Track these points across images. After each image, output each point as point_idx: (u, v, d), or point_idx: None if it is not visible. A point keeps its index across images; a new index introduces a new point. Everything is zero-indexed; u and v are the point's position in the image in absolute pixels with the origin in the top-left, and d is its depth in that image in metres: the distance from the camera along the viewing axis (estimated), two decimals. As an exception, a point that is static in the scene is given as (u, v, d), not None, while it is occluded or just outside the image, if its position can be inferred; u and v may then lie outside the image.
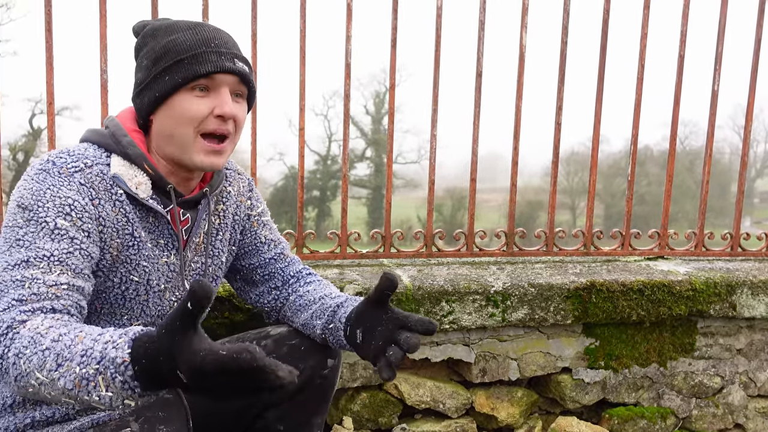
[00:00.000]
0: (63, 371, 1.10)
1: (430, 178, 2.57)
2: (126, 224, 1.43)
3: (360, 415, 2.35)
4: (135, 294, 1.49)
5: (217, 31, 1.48)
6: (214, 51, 1.43)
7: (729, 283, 2.51)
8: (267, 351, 1.73)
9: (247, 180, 1.81)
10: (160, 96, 1.42)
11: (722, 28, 2.71)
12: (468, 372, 2.43)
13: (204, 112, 1.42)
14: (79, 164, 1.38)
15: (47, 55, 2.19)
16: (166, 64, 1.42)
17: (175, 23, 1.48)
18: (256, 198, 1.82)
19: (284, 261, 1.84)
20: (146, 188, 1.45)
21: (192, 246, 1.59)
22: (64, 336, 1.15)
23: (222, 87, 1.44)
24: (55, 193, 1.32)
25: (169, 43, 1.43)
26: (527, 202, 25.93)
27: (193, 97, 1.42)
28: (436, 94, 2.54)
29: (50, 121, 2.26)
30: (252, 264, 1.81)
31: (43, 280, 1.25)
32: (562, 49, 2.60)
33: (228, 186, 1.70)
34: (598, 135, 2.70)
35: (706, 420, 2.64)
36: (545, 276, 2.45)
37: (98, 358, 1.09)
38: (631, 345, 2.51)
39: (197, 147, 1.44)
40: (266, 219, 1.84)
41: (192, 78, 1.40)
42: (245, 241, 1.80)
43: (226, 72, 1.43)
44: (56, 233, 1.30)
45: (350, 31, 2.43)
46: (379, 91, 31.44)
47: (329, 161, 30.83)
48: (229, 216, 1.71)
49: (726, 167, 27.93)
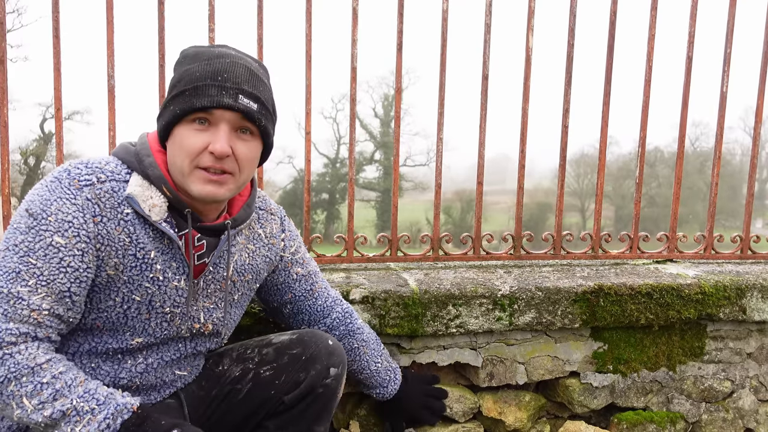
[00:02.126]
0: (58, 404, 1.29)
1: (436, 182, 2.56)
2: (129, 245, 1.42)
3: (367, 419, 2.34)
4: (137, 313, 1.49)
5: (234, 64, 1.43)
6: (217, 85, 1.39)
7: (739, 286, 2.49)
8: (268, 359, 1.74)
9: (279, 220, 1.80)
10: (166, 125, 1.43)
11: (731, 29, 2.69)
12: (475, 376, 2.42)
13: (198, 147, 1.40)
14: (91, 178, 1.39)
15: (55, 60, 2.21)
16: (174, 93, 1.42)
17: (203, 52, 1.46)
18: (289, 237, 1.82)
19: (312, 297, 1.89)
20: (160, 211, 1.44)
21: (210, 277, 1.58)
22: (63, 375, 1.32)
23: (221, 123, 1.41)
24: (59, 207, 1.34)
25: (184, 72, 1.43)
26: (537, 203, 25.88)
27: (192, 130, 1.41)
28: (443, 97, 2.53)
29: (58, 126, 2.27)
30: (284, 300, 1.87)
31: (27, 302, 1.31)
32: (569, 52, 2.59)
33: (259, 228, 1.70)
34: (606, 137, 2.68)
35: (716, 425, 2.61)
36: (553, 279, 2.43)
37: (100, 400, 1.32)
38: (639, 349, 2.50)
39: (193, 177, 1.43)
40: (299, 256, 1.85)
41: (189, 111, 1.39)
42: (277, 280, 1.83)
43: (224, 108, 1.39)
44: (50, 250, 1.33)
45: (356, 35, 2.43)
46: (388, 94, 31.52)
47: (338, 164, 30.91)
48: (259, 258, 1.71)
49: (737, 168, 27.77)
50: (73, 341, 1.47)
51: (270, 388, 1.70)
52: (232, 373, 1.73)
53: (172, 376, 1.64)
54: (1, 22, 2.19)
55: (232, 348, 1.82)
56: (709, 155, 25.74)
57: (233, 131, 1.43)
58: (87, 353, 1.48)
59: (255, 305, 2.14)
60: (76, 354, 1.48)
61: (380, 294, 2.23)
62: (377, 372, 2.02)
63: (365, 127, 31.61)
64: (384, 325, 2.23)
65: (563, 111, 2.62)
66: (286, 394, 1.69)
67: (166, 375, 1.62)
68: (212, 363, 1.78)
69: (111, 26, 2.24)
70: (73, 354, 1.48)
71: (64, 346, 1.46)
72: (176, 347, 1.60)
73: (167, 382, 1.64)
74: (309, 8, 2.39)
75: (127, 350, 1.51)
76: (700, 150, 30.77)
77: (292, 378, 1.69)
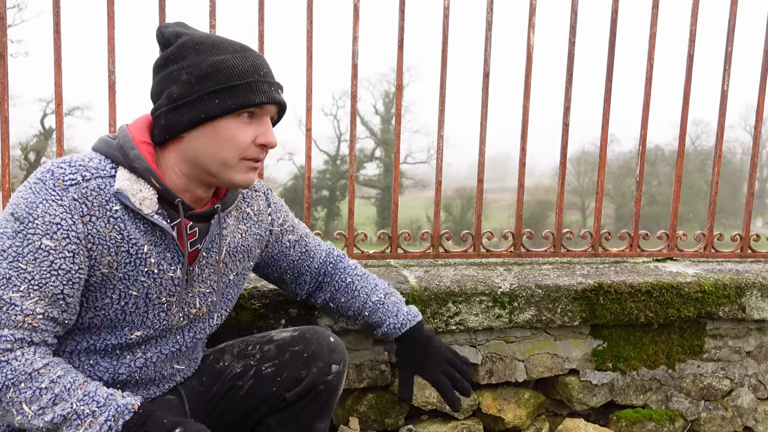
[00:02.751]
0: (57, 408, 1.29)
1: (436, 179, 2.56)
2: (121, 241, 1.40)
3: (366, 415, 2.35)
4: (135, 308, 1.48)
5: (261, 58, 1.50)
6: (266, 81, 1.45)
7: (738, 284, 2.49)
8: (269, 356, 1.73)
9: (264, 195, 1.79)
10: (206, 117, 1.40)
11: (732, 27, 2.69)
12: (475, 373, 2.42)
13: (248, 140, 1.44)
14: (76, 177, 1.36)
15: (55, 56, 2.21)
16: (218, 86, 1.39)
17: (221, 42, 1.45)
18: (275, 210, 1.81)
19: (309, 257, 1.89)
20: (151, 203, 1.42)
21: (203, 262, 1.57)
22: (61, 378, 1.31)
23: (266, 116, 1.47)
24: (46, 209, 1.32)
25: (218, 63, 1.40)
26: (537, 201, 25.86)
27: (240, 123, 1.43)
28: (443, 94, 2.53)
29: (58, 122, 2.27)
30: (282, 268, 1.87)
31: (21, 307, 1.29)
32: (570, 49, 2.59)
33: (247, 207, 1.70)
34: (607, 135, 2.68)
35: (714, 423, 2.62)
36: (552, 277, 2.44)
37: (100, 402, 1.31)
38: (639, 347, 2.50)
39: (239, 168, 1.46)
40: (288, 225, 1.85)
41: (246, 105, 1.41)
42: (271, 252, 1.82)
43: (274, 103, 1.46)
44: (40, 253, 1.31)
45: (357, 32, 2.43)
46: (389, 91, 31.51)
47: (338, 161, 30.90)
48: (250, 237, 1.70)
49: (737, 167, 27.77)
50: (71, 340, 1.46)
51: (271, 384, 1.70)
52: (234, 369, 1.74)
53: (171, 370, 1.64)
54: (2, 17, 2.19)
55: (233, 344, 1.82)
56: (709, 154, 25.45)
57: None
58: (85, 351, 1.47)
59: (255, 301, 2.14)
60: (74, 352, 1.47)
61: (380, 291, 2.23)
62: (381, 303, 1.88)
63: (366, 124, 31.63)
64: (384, 321, 2.23)
65: (564, 109, 2.62)
66: (288, 390, 1.69)
67: (165, 369, 1.61)
68: (213, 359, 1.78)
69: (112, 21, 2.24)
70: (71, 352, 1.46)
71: (61, 345, 1.45)
72: (174, 339, 1.60)
73: (166, 377, 1.63)
74: (310, 5, 2.39)
75: (125, 345, 1.50)
76: (701, 149, 30.78)
77: (294, 375, 1.70)
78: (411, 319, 1.87)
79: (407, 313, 1.88)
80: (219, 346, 1.84)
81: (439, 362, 1.84)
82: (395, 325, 1.85)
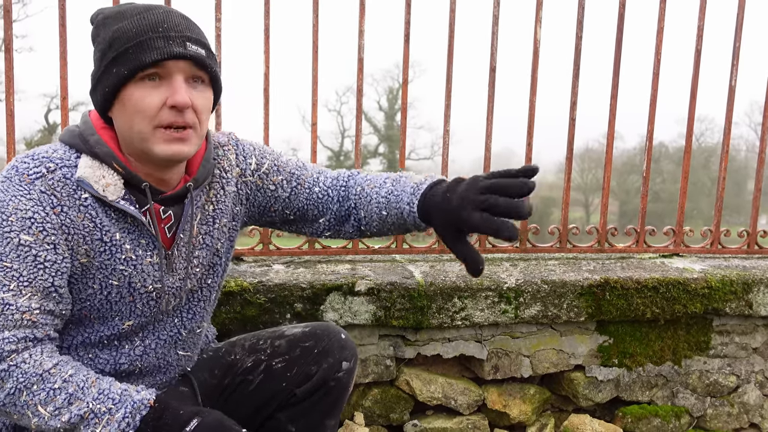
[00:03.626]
0: (73, 407, 1.26)
1: (442, 174, 2.55)
2: (94, 229, 1.35)
3: (371, 410, 2.34)
4: (119, 297, 1.44)
5: (169, 13, 1.35)
6: (162, 36, 1.30)
7: (745, 281, 2.48)
8: (280, 352, 1.72)
9: (233, 148, 1.63)
10: (110, 90, 1.32)
11: (740, 23, 2.68)
12: (480, 369, 2.42)
13: (156, 104, 1.31)
14: (40, 170, 1.31)
15: (61, 49, 2.20)
16: (113, 54, 1.31)
17: (126, 9, 1.36)
18: (243, 159, 1.64)
19: (305, 188, 1.68)
20: (116, 189, 1.36)
21: (181, 243, 1.50)
22: (73, 377, 1.29)
23: (175, 74, 1.32)
24: (17, 205, 1.28)
25: (116, 31, 1.32)
26: (541, 198, 25.78)
27: (145, 89, 1.31)
28: (449, 89, 2.52)
29: (64, 116, 2.27)
30: (277, 210, 1.68)
31: (15, 305, 1.26)
32: (577, 44, 2.58)
33: (216, 169, 1.56)
34: (613, 131, 2.67)
35: (720, 419, 2.61)
36: (558, 273, 2.43)
37: (116, 399, 1.29)
38: (645, 343, 2.49)
39: (155, 138, 1.33)
40: (268, 166, 1.66)
41: (138, 68, 1.29)
42: (258, 200, 1.66)
43: (176, 58, 1.30)
44: (21, 249, 1.27)
45: (363, 26, 2.42)
46: (393, 87, 31.41)
47: (342, 157, 30.85)
48: (226, 198, 1.58)
49: (742, 164, 27.62)
50: (66, 334, 1.44)
51: (281, 380, 1.69)
52: (244, 363, 1.73)
53: (176, 356, 1.61)
54: (7, 11, 2.18)
55: (245, 338, 1.80)
56: (713, 151, 25.25)
57: (186, 82, 1.34)
58: (82, 344, 1.45)
59: (260, 296, 2.14)
60: (71, 347, 1.45)
61: (386, 286, 2.23)
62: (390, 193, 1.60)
63: (369, 120, 31.53)
64: (389, 317, 2.23)
65: (570, 104, 2.61)
66: (298, 386, 1.68)
67: (169, 355, 1.59)
68: (225, 352, 1.77)
69: (117, 15, 2.23)
70: (68, 347, 1.45)
71: (57, 341, 1.42)
72: (172, 323, 1.56)
73: (172, 363, 1.61)
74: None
75: (121, 335, 1.48)
76: (705, 145, 30.66)
77: (304, 371, 1.68)
78: (420, 186, 1.55)
79: (420, 183, 1.57)
80: (230, 339, 1.83)
81: (472, 198, 1.40)
82: (420, 186, 1.55)
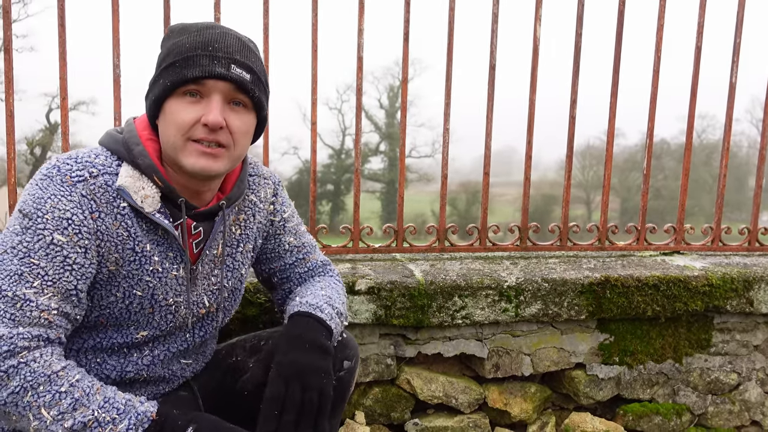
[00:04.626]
0: (78, 414, 1.24)
1: (442, 173, 2.55)
2: (127, 239, 1.38)
3: (372, 409, 2.34)
4: (140, 308, 1.45)
5: (225, 34, 1.39)
6: (209, 55, 1.34)
7: (746, 278, 2.48)
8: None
9: (273, 184, 1.72)
10: (156, 100, 1.37)
11: (740, 19, 2.67)
12: (481, 367, 2.42)
13: (191, 120, 1.35)
14: (84, 173, 1.34)
15: (60, 50, 2.20)
16: (163, 67, 1.36)
17: (190, 26, 1.41)
18: (280, 203, 1.74)
19: (304, 266, 1.78)
20: (153, 202, 1.39)
21: (206, 260, 1.53)
22: (79, 382, 1.28)
23: (213, 94, 1.36)
24: (55, 204, 1.30)
25: (173, 45, 1.37)
26: (542, 196, 25.80)
27: (184, 103, 1.35)
28: (449, 87, 2.52)
29: (64, 116, 2.27)
30: (272, 268, 1.77)
31: (36, 303, 1.27)
32: (577, 41, 2.57)
33: (251, 194, 1.63)
34: (614, 128, 2.66)
35: (722, 417, 2.61)
36: (559, 271, 2.43)
37: (120, 409, 1.28)
38: (646, 341, 2.49)
39: (186, 151, 1.36)
40: (291, 225, 1.76)
41: (180, 82, 1.33)
42: (268, 247, 1.74)
43: (217, 78, 1.34)
44: (51, 248, 1.29)
45: (362, 24, 2.41)
46: (393, 85, 31.42)
47: (343, 155, 30.88)
48: (253, 226, 1.65)
49: (743, 161, 27.57)
50: (77, 338, 1.44)
51: None
52: (246, 364, 1.72)
53: (179, 365, 1.62)
54: (7, 11, 2.18)
55: (245, 339, 1.80)
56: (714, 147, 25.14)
57: (226, 103, 1.38)
58: (92, 349, 1.46)
59: (261, 295, 2.14)
60: (81, 350, 1.45)
61: (386, 285, 2.23)
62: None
63: (370, 118, 31.56)
64: (390, 315, 2.22)
65: (570, 101, 2.60)
66: None
67: (173, 365, 1.60)
68: (225, 354, 1.77)
69: (117, 15, 2.23)
70: (78, 350, 1.45)
71: (68, 344, 1.43)
72: (183, 338, 1.58)
73: (175, 372, 1.62)
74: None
75: (132, 344, 1.49)
76: (706, 142, 30.61)
77: None
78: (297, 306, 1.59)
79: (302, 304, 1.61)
80: (230, 341, 1.83)
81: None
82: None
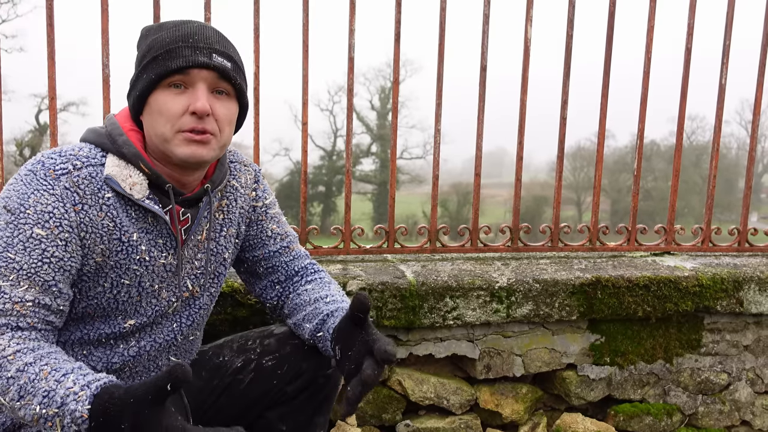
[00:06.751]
0: (24, 403, 1.21)
1: (434, 174, 2.55)
2: (113, 229, 1.40)
3: (363, 410, 2.34)
4: (127, 296, 1.47)
5: (202, 27, 1.43)
6: (190, 46, 1.38)
7: (736, 278, 2.49)
8: (270, 349, 1.72)
9: (253, 171, 1.75)
10: (140, 95, 1.41)
11: (730, 21, 2.68)
12: (472, 368, 2.41)
13: (179, 110, 1.39)
14: (67, 166, 1.36)
15: (49, 50, 2.18)
16: (146, 62, 1.40)
17: (166, 23, 1.46)
18: (262, 190, 1.77)
19: (289, 255, 1.80)
20: (142, 188, 1.42)
21: (191, 244, 1.55)
22: (29, 367, 1.24)
23: (198, 83, 1.40)
24: (38, 199, 1.32)
25: (153, 41, 1.41)
26: (533, 197, 25.88)
27: (170, 94, 1.39)
28: (440, 88, 2.52)
29: (52, 116, 2.25)
30: (256, 256, 1.77)
31: (9, 295, 1.28)
32: (568, 43, 2.58)
33: (233, 180, 1.66)
34: (604, 130, 2.67)
35: (712, 417, 2.62)
36: (550, 272, 2.43)
37: (59, 403, 1.19)
38: (636, 341, 2.50)
39: (176, 141, 1.40)
40: (273, 212, 1.79)
41: (165, 74, 1.37)
42: (251, 234, 1.75)
43: (200, 67, 1.39)
44: (30, 242, 1.30)
45: (353, 25, 2.41)
46: (385, 86, 31.48)
47: (335, 156, 30.87)
48: (235, 211, 1.67)
49: (733, 162, 27.78)
50: (64, 330, 1.45)
51: (272, 377, 1.69)
52: (234, 363, 1.72)
53: (166, 361, 1.62)
54: (-5, 11, 2.16)
55: (232, 339, 1.80)
56: (704, 149, 25.23)
57: (210, 92, 1.42)
58: (78, 341, 1.46)
59: (251, 297, 2.13)
60: (68, 343, 1.46)
61: (377, 286, 2.23)
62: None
63: (362, 119, 31.60)
64: (381, 317, 2.22)
65: (562, 102, 2.61)
66: (288, 384, 1.68)
67: (160, 359, 1.60)
68: (212, 354, 1.77)
69: (106, 14, 2.22)
70: (65, 343, 1.45)
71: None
72: (170, 327, 1.58)
73: (162, 368, 1.61)
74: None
75: (119, 335, 1.50)
76: (696, 144, 30.79)
77: (294, 367, 1.68)
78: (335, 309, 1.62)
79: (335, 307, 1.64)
80: (217, 341, 1.83)
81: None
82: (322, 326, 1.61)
